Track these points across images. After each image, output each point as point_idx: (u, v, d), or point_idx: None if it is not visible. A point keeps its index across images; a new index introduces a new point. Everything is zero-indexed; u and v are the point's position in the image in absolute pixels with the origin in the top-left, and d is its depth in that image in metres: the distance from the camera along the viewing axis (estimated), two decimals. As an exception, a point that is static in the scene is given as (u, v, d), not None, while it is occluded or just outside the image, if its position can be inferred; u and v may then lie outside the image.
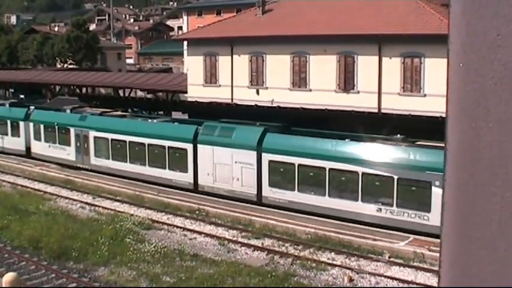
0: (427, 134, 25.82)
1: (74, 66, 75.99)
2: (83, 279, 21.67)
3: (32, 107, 43.84)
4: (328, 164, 27.21)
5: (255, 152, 29.70)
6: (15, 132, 44.08)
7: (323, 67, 34.10)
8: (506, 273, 1.42)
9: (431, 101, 28.64)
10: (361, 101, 32.57)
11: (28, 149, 42.90)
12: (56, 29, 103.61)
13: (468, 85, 1.48)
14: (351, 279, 21.65)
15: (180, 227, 27.74)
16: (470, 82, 1.48)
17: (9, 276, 7.75)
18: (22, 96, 60.76)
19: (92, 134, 37.67)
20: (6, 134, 44.86)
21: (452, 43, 1.50)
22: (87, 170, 38.15)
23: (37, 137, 41.98)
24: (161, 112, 45.64)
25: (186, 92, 42.36)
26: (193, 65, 41.15)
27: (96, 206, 31.42)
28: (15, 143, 43.97)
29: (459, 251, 1.49)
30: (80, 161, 38.77)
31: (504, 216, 1.43)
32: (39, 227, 26.18)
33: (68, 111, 40.86)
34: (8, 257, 23.88)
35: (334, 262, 23.15)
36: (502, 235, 1.43)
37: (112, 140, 36.61)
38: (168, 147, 33.46)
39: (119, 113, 40.47)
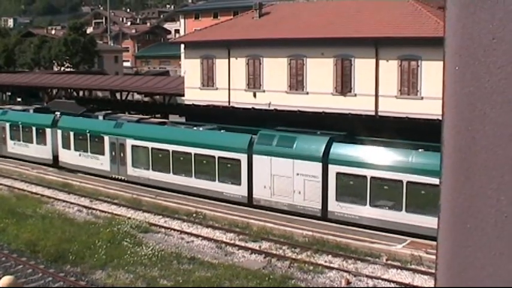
0: (425, 137, 25.81)
1: (71, 69, 75.95)
2: (80, 282, 21.63)
3: (57, 113, 41.26)
4: (405, 177, 25.01)
5: (320, 164, 27.40)
6: (41, 139, 41.01)
7: (320, 70, 34.14)
8: (501, 276, 1.42)
9: (428, 104, 28.69)
10: (358, 103, 32.61)
11: (55, 157, 40.11)
12: (53, 32, 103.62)
13: (464, 88, 1.49)
14: (348, 282, 21.65)
15: (178, 230, 27.71)
16: (466, 85, 1.49)
17: (6, 279, 7.73)
18: (19, 99, 60.73)
19: (130, 142, 35.01)
20: (31, 142, 41.79)
21: (448, 46, 1.51)
22: (123, 181, 35.48)
23: (66, 145, 39.20)
24: (158, 115, 45.57)
25: (183, 95, 42.37)
26: (190, 68, 41.16)
27: (93, 209, 31.36)
28: (41, 152, 41.01)
29: (455, 253, 1.50)
30: (115, 171, 36.09)
31: (499, 219, 1.44)
32: (36, 230, 26.12)
33: (101, 117, 38.58)
34: (5, 260, 23.82)
35: (332, 265, 23.13)
36: (497, 238, 1.44)
37: (153, 149, 33.90)
38: (219, 157, 30.77)
39: (158, 119, 38.16)
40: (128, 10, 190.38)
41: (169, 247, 25.20)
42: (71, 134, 38.77)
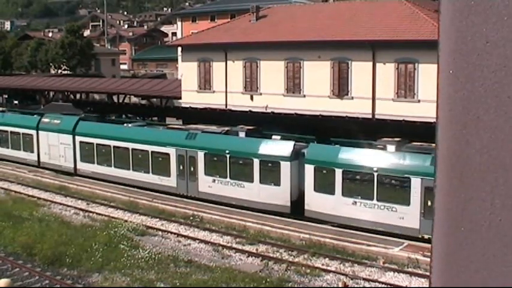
0: (421, 139, 25.85)
1: (68, 72, 75.84)
2: (77, 285, 21.61)
3: (277, 137, 30.56)
4: None
5: None
6: (270, 177, 29.52)
7: (317, 73, 34.17)
8: (495, 278, 1.43)
9: (425, 107, 28.69)
10: (355, 106, 32.63)
11: (295, 203, 28.76)
12: (50, 34, 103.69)
13: (458, 92, 1.50)
14: (345, 285, 21.64)
15: (175, 233, 27.69)
16: (460, 89, 1.49)
17: (2, 283, 7.72)
18: (16, 102, 60.69)
19: None
20: (249, 180, 30.22)
21: (442, 50, 1.52)
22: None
23: (323, 187, 27.79)
24: (155, 118, 45.57)
25: (180, 98, 42.38)
26: (187, 71, 41.16)
27: (90, 212, 31.32)
28: (268, 195, 29.39)
29: (449, 256, 1.51)
30: (426, 229, 24.53)
31: (494, 222, 1.44)
32: (32, 233, 26.08)
33: (392, 147, 26.90)
34: (1, 263, 23.80)
35: (329, 268, 23.14)
36: (491, 240, 1.44)
37: None
38: None
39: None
40: (125, 13, 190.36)
41: (166, 250, 25.18)
42: (337, 172, 27.35)
